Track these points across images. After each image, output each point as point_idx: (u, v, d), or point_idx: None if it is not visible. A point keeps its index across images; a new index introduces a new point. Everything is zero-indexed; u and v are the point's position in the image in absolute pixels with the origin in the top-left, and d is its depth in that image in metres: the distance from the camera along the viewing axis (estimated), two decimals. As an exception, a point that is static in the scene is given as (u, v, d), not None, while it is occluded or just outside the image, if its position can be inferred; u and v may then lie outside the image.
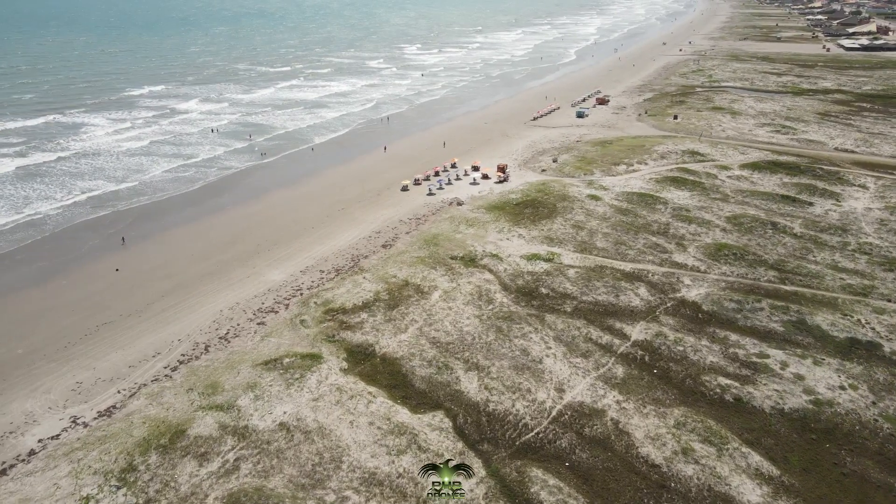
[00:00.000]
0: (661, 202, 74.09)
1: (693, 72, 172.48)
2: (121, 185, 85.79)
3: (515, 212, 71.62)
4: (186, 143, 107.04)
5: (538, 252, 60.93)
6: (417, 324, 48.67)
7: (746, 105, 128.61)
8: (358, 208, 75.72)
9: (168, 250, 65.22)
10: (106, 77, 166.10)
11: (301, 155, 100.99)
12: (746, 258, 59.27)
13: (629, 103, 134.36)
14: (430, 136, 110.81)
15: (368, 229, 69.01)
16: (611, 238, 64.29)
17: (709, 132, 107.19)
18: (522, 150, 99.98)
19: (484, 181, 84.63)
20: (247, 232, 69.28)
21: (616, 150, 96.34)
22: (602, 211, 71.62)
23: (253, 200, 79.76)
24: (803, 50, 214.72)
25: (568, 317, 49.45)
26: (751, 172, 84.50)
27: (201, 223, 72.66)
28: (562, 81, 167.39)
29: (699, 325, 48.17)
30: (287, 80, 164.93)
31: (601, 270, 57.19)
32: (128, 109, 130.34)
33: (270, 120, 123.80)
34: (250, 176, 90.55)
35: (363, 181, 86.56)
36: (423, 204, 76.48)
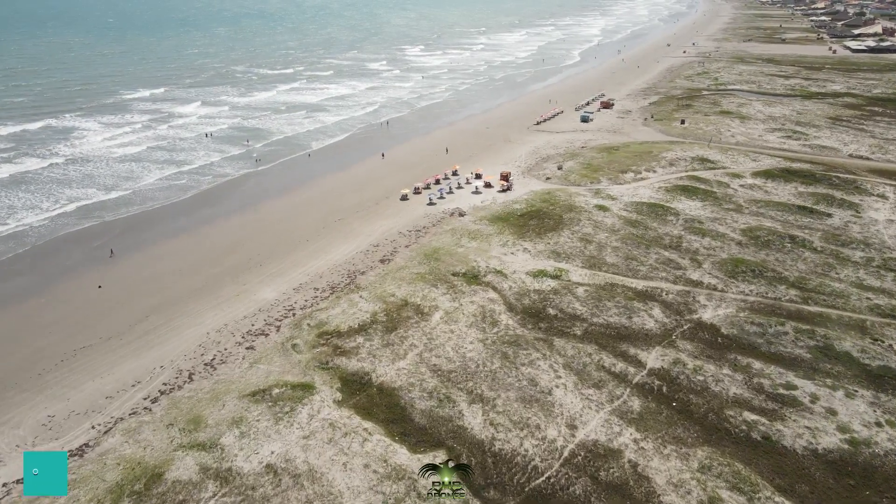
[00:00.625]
0: (672, 213, 70.87)
1: (698, 74, 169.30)
2: (110, 193, 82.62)
3: (520, 224, 68.42)
4: (181, 148, 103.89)
5: (545, 268, 57.71)
6: (417, 349, 45.48)
7: (755, 109, 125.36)
8: (355, 219, 72.54)
9: (156, 264, 62.07)
10: (101, 79, 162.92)
11: (298, 161, 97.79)
12: (765, 275, 56.04)
13: (634, 107, 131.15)
14: (430, 142, 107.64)
15: (366, 242, 65.84)
16: (621, 253, 61.06)
17: (718, 138, 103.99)
18: (526, 156, 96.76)
19: (486, 190, 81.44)
20: (239, 244, 66.12)
21: (623, 156, 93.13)
22: (611, 223, 68.41)
23: (247, 210, 76.60)
24: (809, 52, 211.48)
25: (578, 341, 46.24)
26: (764, 181, 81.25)
27: (192, 235, 69.49)
28: (565, 84, 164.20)
29: (719, 351, 44.95)
30: (287, 83, 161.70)
31: (612, 289, 53.98)
32: (122, 113, 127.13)
33: (268, 124, 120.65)
34: (245, 183, 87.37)
35: (361, 189, 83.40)
36: (424, 214, 73.30)
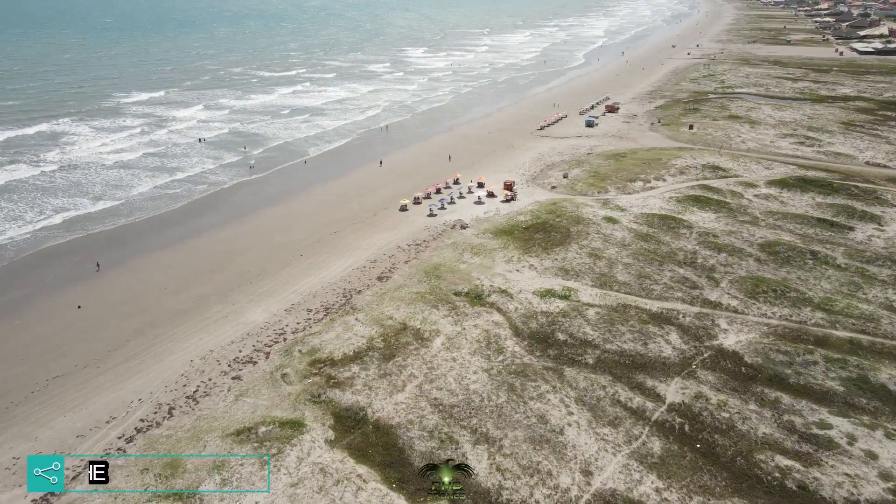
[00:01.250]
0: (685, 226, 67.44)
1: (704, 77, 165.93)
2: (98, 203, 79.17)
3: (525, 237, 65.01)
4: (174, 154, 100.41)
5: (552, 287, 54.30)
6: (417, 380, 42.09)
7: (764, 113, 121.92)
8: (352, 231, 69.14)
9: (140, 281, 58.71)
10: (96, 82, 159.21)
11: (294, 169, 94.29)
12: (788, 295, 52.60)
13: (640, 111, 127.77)
14: (431, 147, 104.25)
15: (363, 257, 62.44)
16: (633, 270, 57.64)
17: (728, 144, 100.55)
18: (530, 163, 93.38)
19: (489, 200, 78.04)
20: (229, 259, 62.75)
21: (630, 164, 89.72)
22: (620, 236, 64.99)
23: (239, 221, 73.20)
24: (815, 53, 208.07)
25: (590, 371, 42.83)
26: (779, 191, 77.83)
27: (180, 248, 66.10)
28: (568, 87, 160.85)
29: (744, 384, 41.53)
30: (286, 86, 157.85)
31: (625, 310, 50.58)
32: (116, 117, 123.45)
33: (266, 129, 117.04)
34: (239, 193, 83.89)
35: (359, 198, 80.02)
36: (424, 227, 69.91)
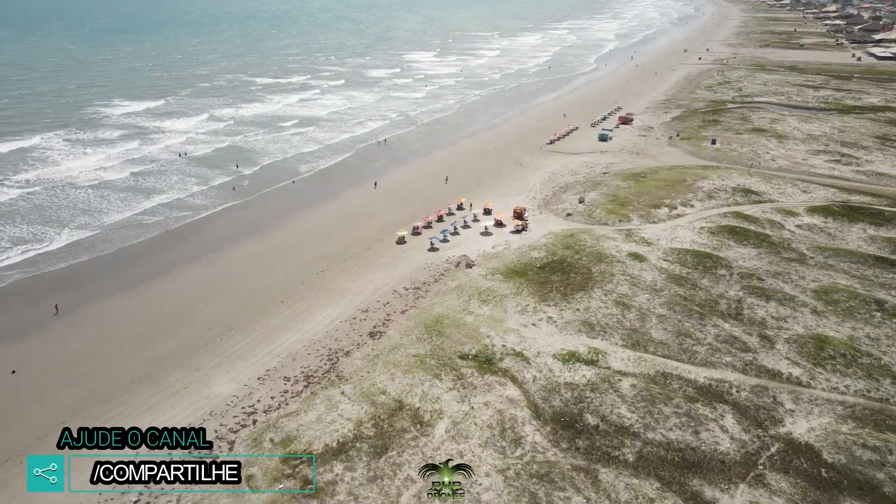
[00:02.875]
0: (724, 265, 58.87)
1: (719, 84, 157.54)
2: (62, 233, 70.09)
3: (540, 279, 56.46)
4: (154, 173, 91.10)
5: (576, 349, 45.77)
6: (415, 486, 33.55)
7: (790, 126, 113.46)
8: (341, 270, 60.60)
9: (93, 335, 50.22)
10: (80, 90, 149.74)
11: (281, 192, 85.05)
12: (860, 362, 44.07)
13: (656, 123, 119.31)
14: (431, 165, 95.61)
15: (353, 305, 53.88)
16: (669, 324, 49.09)
17: (756, 162, 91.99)
18: (541, 184, 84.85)
19: (497, 229, 69.54)
20: (198, 306, 54.23)
21: (653, 185, 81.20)
22: (650, 278, 56.44)
23: (215, 257, 64.60)
24: (832, 59, 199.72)
25: (632, 473, 34.26)
26: (824, 219, 69.32)
27: (145, 291, 57.54)
28: (577, 94, 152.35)
29: (828, 493, 32.97)
30: (284, 94, 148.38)
31: (666, 381, 42.05)
32: (95, 130, 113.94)
33: (257, 144, 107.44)
34: (218, 221, 74.95)
35: (351, 227, 71.53)
36: (424, 264, 61.35)
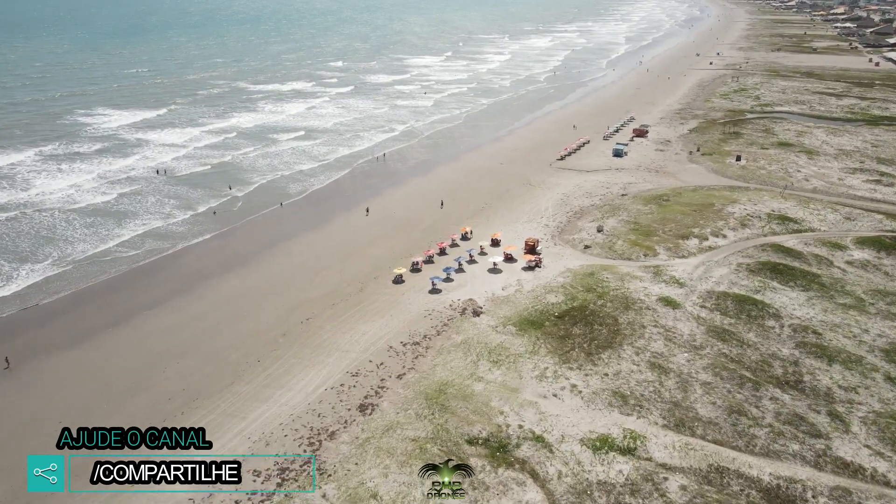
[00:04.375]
0: (771, 313, 50.84)
1: (735, 91, 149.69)
2: (17, 271, 61.67)
3: (559, 333, 48.44)
4: (132, 196, 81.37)
5: (609, 432, 37.75)
6: None
7: (818, 139, 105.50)
8: (329, 318, 52.51)
9: (41, 396, 42.27)
10: (61, 99, 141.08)
11: (268, 218, 76.08)
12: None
13: (673, 135, 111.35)
14: (432, 186, 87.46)
15: (341, 366, 45.81)
16: (717, 396, 41.08)
17: (789, 182, 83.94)
18: (553, 208, 76.86)
19: (507, 265, 61.52)
20: (160, 365, 46.14)
21: (678, 211, 73.20)
22: (688, 331, 48.45)
23: (185, 300, 56.34)
24: (849, 64, 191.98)
25: None
26: (876, 254, 61.32)
27: (101, 345, 49.42)
28: (586, 103, 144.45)
29: None
30: (284, 103, 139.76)
31: (722, 480, 34.03)
32: (72, 144, 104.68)
33: (250, 160, 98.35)
34: (195, 253, 66.22)
35: (342, 261, 63.52)
36: (424, 310, 53.28)
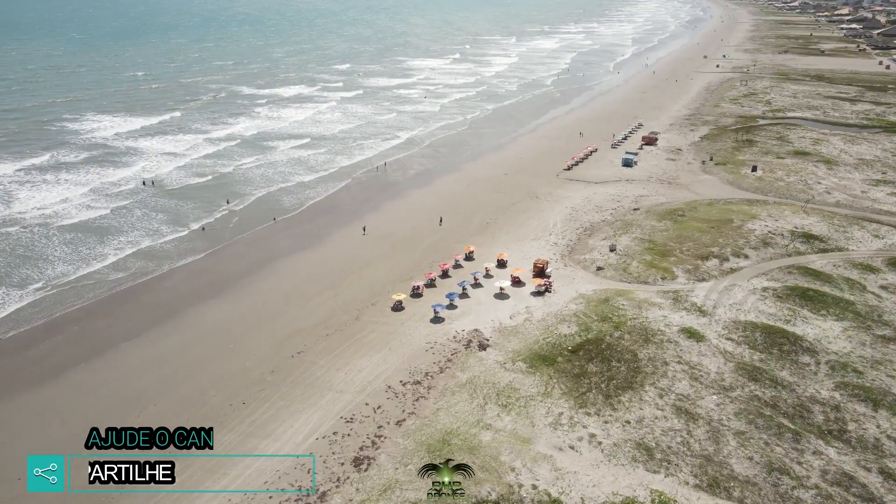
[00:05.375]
0: (805, 347, 46.50)
1: (745, 96, 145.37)
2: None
3: (574, 370, 44.09)
4: (120, 211, 76.30)
5: (634, 495, 33.36)
6: None
7: (836, 147, 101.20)
8: (323, 351, 48.08)
9: (5, 445, 38.00)
10: (51, 104, 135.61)
11: (261, 235, 70.96)
12: None
13: (684, 143, 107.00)
14: (434, 199, 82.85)
15: (335, 410, 41.35)
16: (753, 449, 36.67)
17: (811, 196, 79.48)
18: (562, 224, 72.50)
19: (515, 289, 57.09)
20: (132, 409, 41.41)
21: (694, 228, 68.85)
22: (715, 369, 44.11)
23: (165, 331, 51.41)
24: (858, 66, 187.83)
25: None
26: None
27: (66, 384, 44.86)
28: (592, 107, 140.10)
29: None
30: (285, 109, 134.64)
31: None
32: (58, 152, 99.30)
33: (248, 171, 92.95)
34: (180, 276, 61.23)
35: (336, 284, 59.10)
36: (426, 343, 48.89)
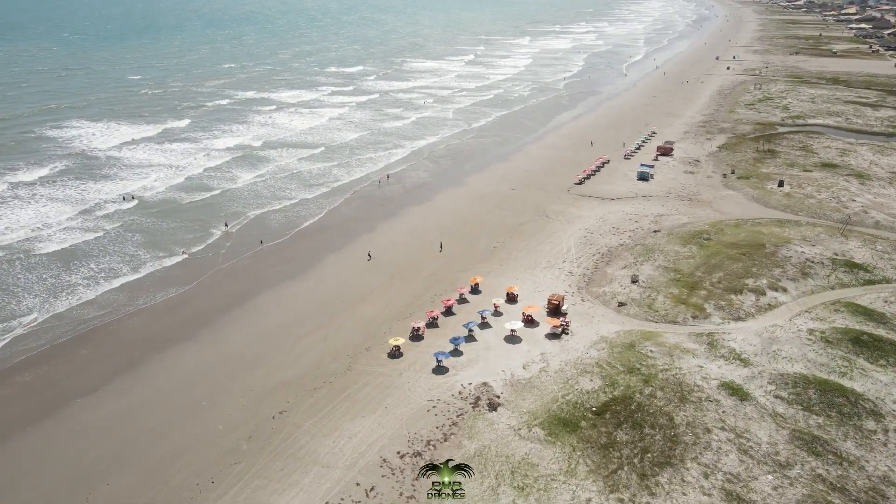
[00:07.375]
0: (867, 409, 40.01)
1: (761, 101, 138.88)
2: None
3: (601, 439, 37.59)
4: (92, 236, 69.69)
5: None
6: None
7: (865, 159, 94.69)
8: (308, 410, 41.56)
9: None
10: (33, 111, 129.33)
11: (250, 261, 64.66)
12: None
13: (701, 154, 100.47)
14: (435, 219, 76.09)
15: (320, 491, 34.74)
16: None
17: (848, 217, 72.69)
18: (577, 249, 65.96)
19: (528, 330, 50.54)
20: (80, 490, 35.17)
21: (723, 254, 62.26)
22: (766, 437, 37.61)
23: (128, 384, 44.84)
24: (874, 69, 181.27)
25: None
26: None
27: (8, 453, 38.71)
28: (601, 112, 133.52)
29: None
30: (289, 116, 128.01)
31: None
32: (35, 165, 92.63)
33: (247, 186, 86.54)
34: (153, 314, 54.55)
35: (327, 324, 52.48)
36: (427, 401, 42.30)
